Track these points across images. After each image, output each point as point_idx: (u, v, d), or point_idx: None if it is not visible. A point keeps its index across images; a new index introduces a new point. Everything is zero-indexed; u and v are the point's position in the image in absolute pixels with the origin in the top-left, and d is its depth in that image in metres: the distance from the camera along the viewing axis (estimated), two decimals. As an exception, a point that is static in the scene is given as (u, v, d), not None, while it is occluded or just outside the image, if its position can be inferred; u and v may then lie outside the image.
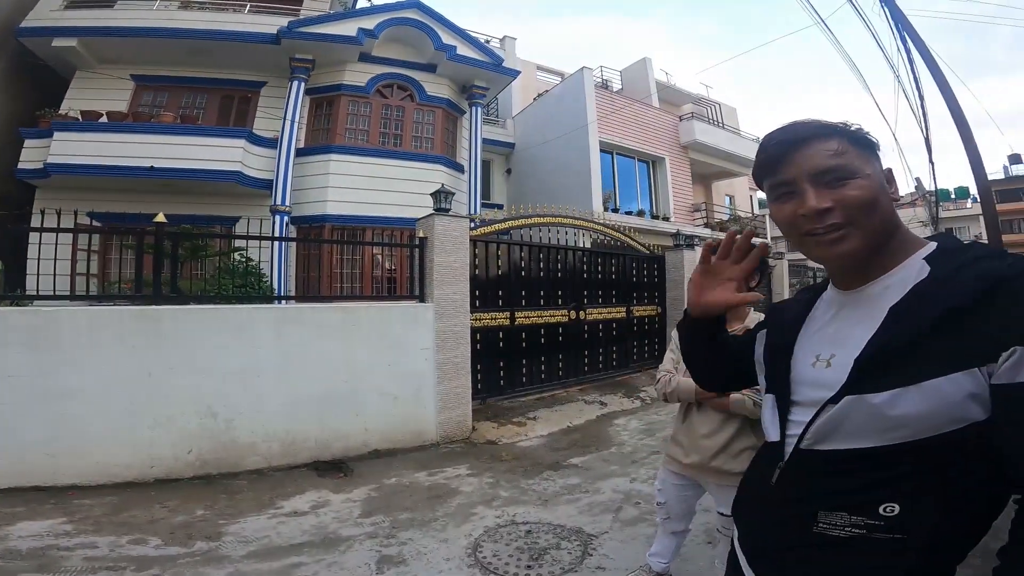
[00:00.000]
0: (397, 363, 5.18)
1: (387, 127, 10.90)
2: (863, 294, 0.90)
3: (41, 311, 4.13)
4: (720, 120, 18.86)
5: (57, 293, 4.33)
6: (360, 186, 9.99)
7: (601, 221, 8.75)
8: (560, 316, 7.44)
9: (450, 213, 5.78)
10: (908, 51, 7.35)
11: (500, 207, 13.54)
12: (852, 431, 0.81)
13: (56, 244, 4.24)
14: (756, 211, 21.09)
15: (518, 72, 12.71)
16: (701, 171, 17.06)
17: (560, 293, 7.53)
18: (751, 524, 0.97)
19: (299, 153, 10.12)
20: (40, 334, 3.96)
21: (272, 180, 9.76)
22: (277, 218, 9.39)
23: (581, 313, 7.70)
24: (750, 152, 17.28)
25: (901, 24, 7.14)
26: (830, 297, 0.99)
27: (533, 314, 7.10)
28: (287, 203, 9.63)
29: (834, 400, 0.83)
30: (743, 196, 20.54)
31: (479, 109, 11.92)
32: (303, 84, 10.28)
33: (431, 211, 5.72)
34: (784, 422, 0.92)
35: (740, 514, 1.02)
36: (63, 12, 9.60)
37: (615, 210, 13.68)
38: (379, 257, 10.03)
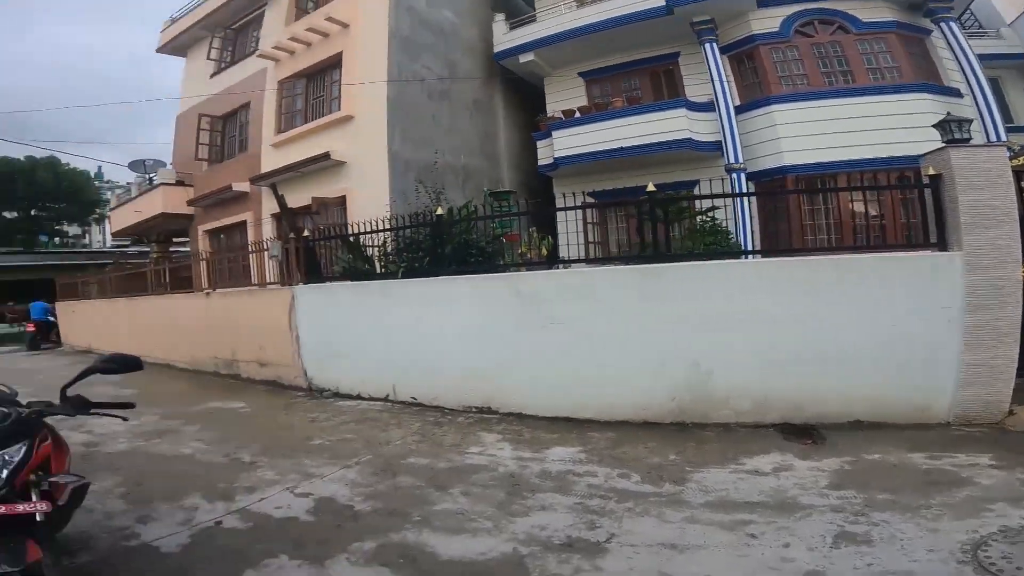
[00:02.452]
0: (903, 324, 4.32)
1: (827, 66, 9.88)
2: None
3: (581, 271, 5.43)
4: None
5: (578, 258, 5.54)
6: (816, 131, 9.15)
7: None
8: None
9: (971, 143, 4.51)
10: None
11: (1033, 129, 9.77)
12: None
13: (570, 220, 5.40)
14: None
15: None
16: None
17: None
18: None
19: (738, 111, 10.06)
20: (582, 290, 5.10)
21: (719, 141, 9.98)
22: (734, 176, 9.54)
23: None
24: None
25: None
26: None
27: None
28: (740, 160, 9.65)
29: None
30: None
31: (951, 24, 9.53)
32: (715, 44, 10.23)
33: (940, 144, 4.52)
34: None
35: None
36: (511, 34, 12.25)
37: None
38: (859, 207, 8.70)
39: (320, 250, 7.40)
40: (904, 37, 9.80)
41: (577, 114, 11.26)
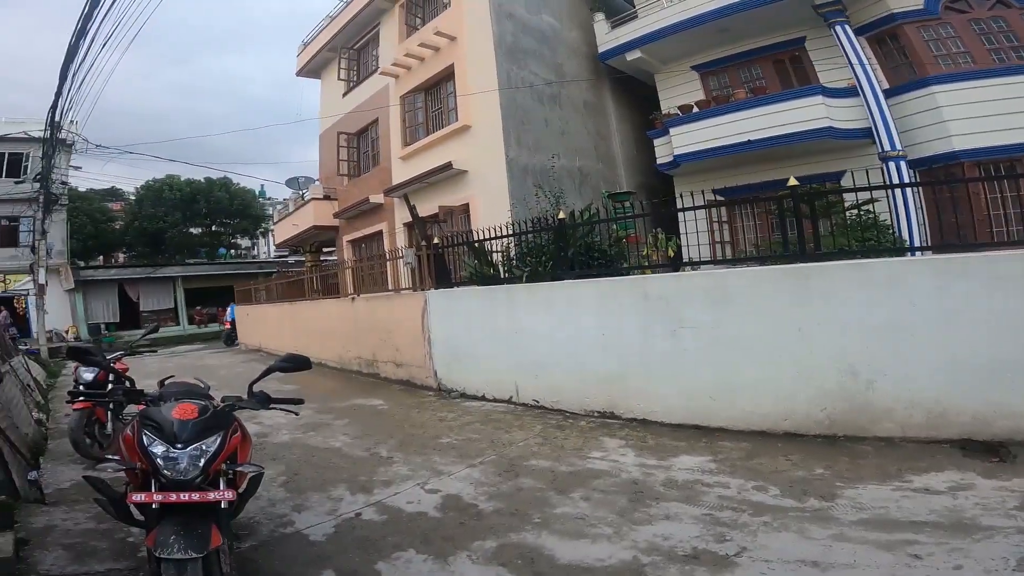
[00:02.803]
0: None
1: (994, 42, 8.76)
2: None
3: (714, 273, 5.14)
4: None
5: (704, 260, 5.23)
6: (992, 112, 8.07)
7: None
8: None
9: None
10: None
11: None
12: None
13: (698, 220, 5.14)
14: None
15: None
16: None
17: None
18: None
19: (887, 94, 9.07)
20: (715, 293, 4.84)
21: (867, 128, 9.04)
22: (892, 164, 8.52)
23: None
24: None
25: None
26: None
27: None
28: (897, 148, 8.61)
29: None
30: None
31: None
32: (846, 26, 9.33)
33: None
34: None
35: None
36: (613, 32, 11.89)
37: None
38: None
39: (448, 256, 7.78)
40: None
41: (695, 109, 10.74)
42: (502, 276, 6.91)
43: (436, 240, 7.59)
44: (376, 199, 13.57)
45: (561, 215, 6.05)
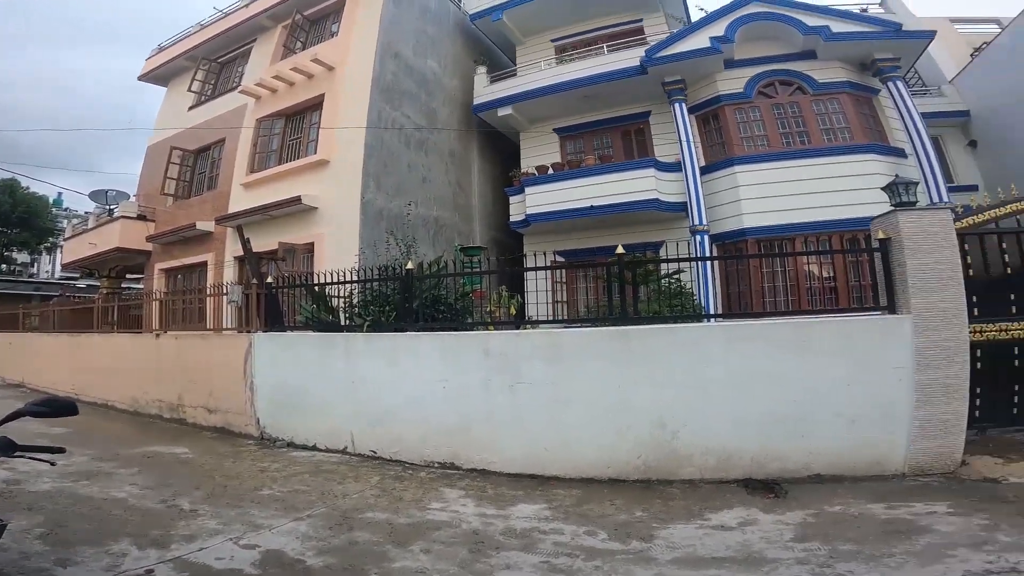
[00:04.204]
0: (858, 383, 4.54)
1: (785, 127, 10.14)
2: None
3: (551, 332, 5.47)
4: None
5: (545, 318, 5.58)
6: (774, 193, 9.37)
7: None
8: None
9: (916, 207, 4.80)
10: None
11: (973, 189, 10.35)
12: None
13: (538, 279, 5.52)
14: None
15: (932, 32, 9.97)
16: None
17: None
18: None
19: (703, 171, 10.26)
20: (550, 351, 5.12)
21: (685, 202, 10.17)
22: (697, 238, 9.70)
23: None
24: None
25: None
26: None
27: (1076, 325, 4.92)
28: (704, 222, 9.85)
29: None
30: None
31: (898, 83, 9.83)
32: (683, 104, 10.54)
33: (888, 207, 4.86)
34: None
35: None
36: (491, 87, 12.55)
37: None
38: (814, 268, 9.04)
39: (283, 297, 7.23)
40: (855, 97, 10.11)
41: (550, 170, 11.51)
42: (342, 323, 6.58)
43: (270, 279, 7.02)
44: (205, 226, 12.17)
45: (409, 265, 5.99)
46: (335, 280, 6.42)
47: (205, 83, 13.99)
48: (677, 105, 10.59)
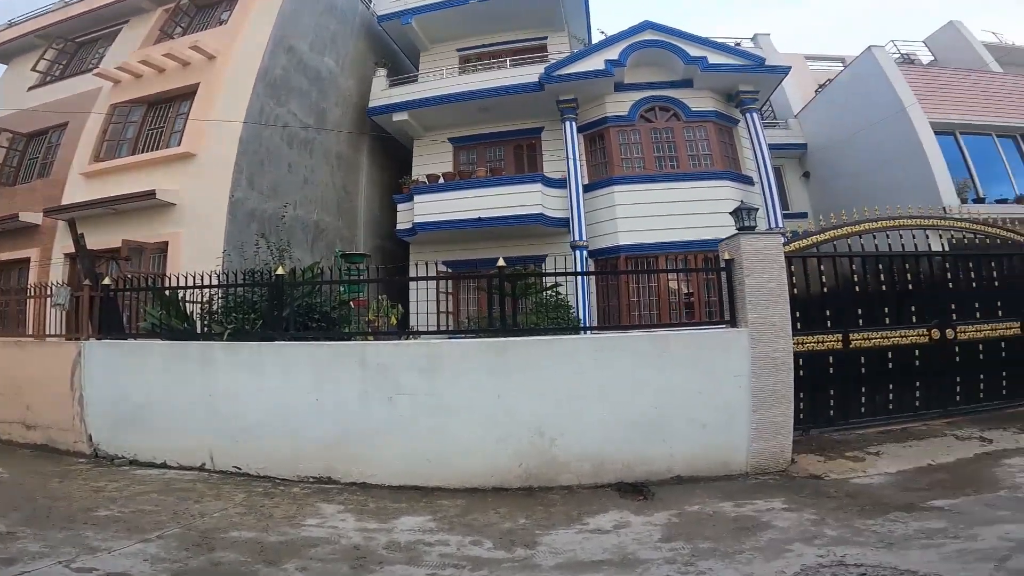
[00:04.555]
0: (707, 390, 4.98)
1: (660, 151, 10.90)
2: None
3: (430, 343, 5.35)
4: None
5: (431, 329, 5.57)
6: (646, 213, 10.09)
7: (963, 216, 6.87)
8: (916, 336, 6.08)
9: (756, 231, 5.42)
10: None
11: (803, 216, 12.05)
12: None
13: (428, 289, 5.50)
14: None
15: (787, 68, 11.35)
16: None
17: (913, 309, 6.17)
18: None
19: (586, 189, 10.84)
20: (430, 362, 5.08)
21: (568, 218, 10.67)
22: (577, 253, 10.23)
23: (948, 331, 6.13)
24: None
25: None
26: None
27: (875, 335, 5.97)
28: (583, 238, 10.41)
29: None
30: None
31: (754, 115, 11.03)
32: (574, 123, 11.09)
33: (734, 231, 5.44)
34: None
35: None
36: (389, 91, 12.39)
37: (978, 200, 10.68)
38: (675, 284, 9.91)
39: (125, 302, 6.44)
40: (719, 126, 11.03)
41: (441, 180, 11.48)
42: (198, 331, 6.04)
43: (107, 281, 6.19)
44: (30, 217, 10.50)
45: (280, 271, 5.62)
46: (189, 284, 5.83)
47: (54, 63, 12.42)
48: (568, 123, 11.09)
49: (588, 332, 6.97)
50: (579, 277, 8.96)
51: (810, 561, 3.07)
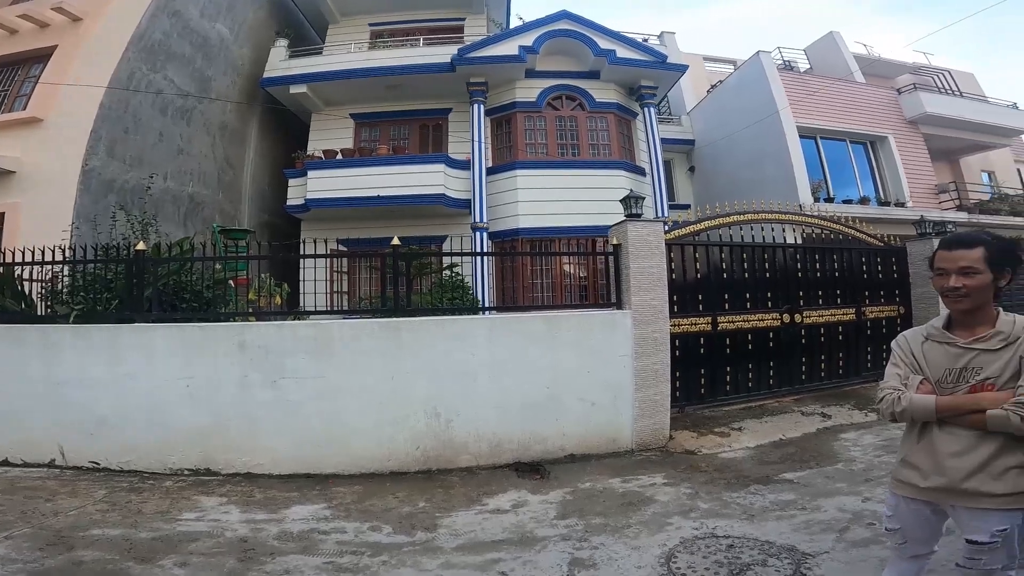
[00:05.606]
0: (595, 370, 5.21)
1: (563, 138, 11.21)
2: None
3: (319, 323, 5.11)
4: (954, 88, 15.57)
5: (323, 309, 5.32)
6: (546, 198, 10.36)
7: (813, 213, 7.80)
8: (771, 320, 6.79)
9: (642, 218, 5.68)
10: None
11: (687, 207, 12.98)
12: None
13: (318, 268, 5.24)
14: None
15: (685, 67, 12.12)
16: (941, 147, 14.32)
17: (770, 295, 6.88)
18: None
19: (489, 172, 10.92)
20: (319, 343, 4.86)
21: (470, 199, 10.70)
22: (477, 234, 10.29)
23: (797, 316, 6.92)
24: (1005, 119, 14.18)
25: None
26: None
27: (738, 318, 6.59)
28: (484, 220, 10.49)
29: None
30: (1007, 171, 16.49)
31: (651, 109, 11.68)
32: (482, 106, 11.12)
33: (623, 217, 5.67)
34: None
35: None
36: (289, 62, 11.70)
37: (828, 199, 12.12)
38: (569, 267, 10.31)
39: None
40: (619, 118, 11.48)
41: (339, 156, 10.98)
42: (39, 313, 5.35)
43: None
44: None
45: (141, 246, 5.08)
46: (30, 260, 5.14)
47: None
48: (477, 106, 11.06)
49: (486, 313, 7.06)
50: (477, 258, 9.03)
51: (687, 534, 3.32)
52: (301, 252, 5.54)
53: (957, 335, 1.83)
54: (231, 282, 6.02)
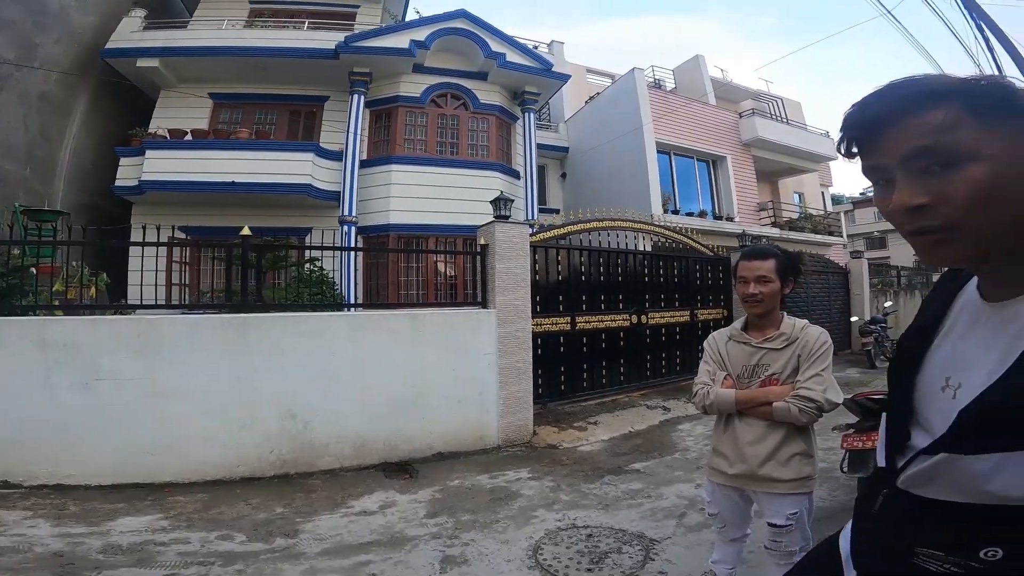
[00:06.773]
0: (461, 368, 5.28)
1: (443, 136, 11.14)
2: (1006, 311, 0.70)
3: (145, 319, 4.54)
4: (783, 116, 18.11)
5: (156, 303, 4.75)
6: (421, 195, 10.25)
7: (661, 223, 8.59)
8: (621, 320, 7.39)
9: (510, 220, 5.85)
10: (987, 40, 6.82)
11: (557, 212, 13.57)
12: (948, 487, 0.70)
13: (157, 257, 4.68)
14: (829, 208, 20.19)
15: (568, 76, 12.68)
16: (766, 168, 16.46)
17: (621, 297, 7.48)
18: (858, 545, 0.90)
19: (363, 165, 10.50)
20: (145, 340, 4.33)
21: (339, 192, 10.20)
22: (345, 228, 9.79)
23: (643, 317, 7.61)
24: (818, 147, 16.61)
25: (975, 12, 6.68)
26: (973, 298, 0.78)
27: (594, 319, 7.08)
28: (353, 214, 10.03)
29: (928, 451, 0.72)
30: (814, 193, 19.58)
31: (532, 115, 11.99)
32: (363, 97, 10.66)
33: (491, 218, 5.80)
34: (901, 447, 0.80)
35: (853, 534, 0.94)
36: (143, 33, 10.35)
37: (675, 212, 13.40)
38: (441, 265, 10.28)
39: None
40: (500, 121, 11.47)
41: (188, 136, 9.82)
42: None
43: None
44: None
45: None
46: None
47: None
48: (357, 96, 10.53)
49: (352, 309, 6.80)
50: (343, 253, 8.65)
51: (551, 526, 3.49)
52: (130, 239, 4.85)
53: (752, 336, 2.13)
54: (33, 270, 5.08)
